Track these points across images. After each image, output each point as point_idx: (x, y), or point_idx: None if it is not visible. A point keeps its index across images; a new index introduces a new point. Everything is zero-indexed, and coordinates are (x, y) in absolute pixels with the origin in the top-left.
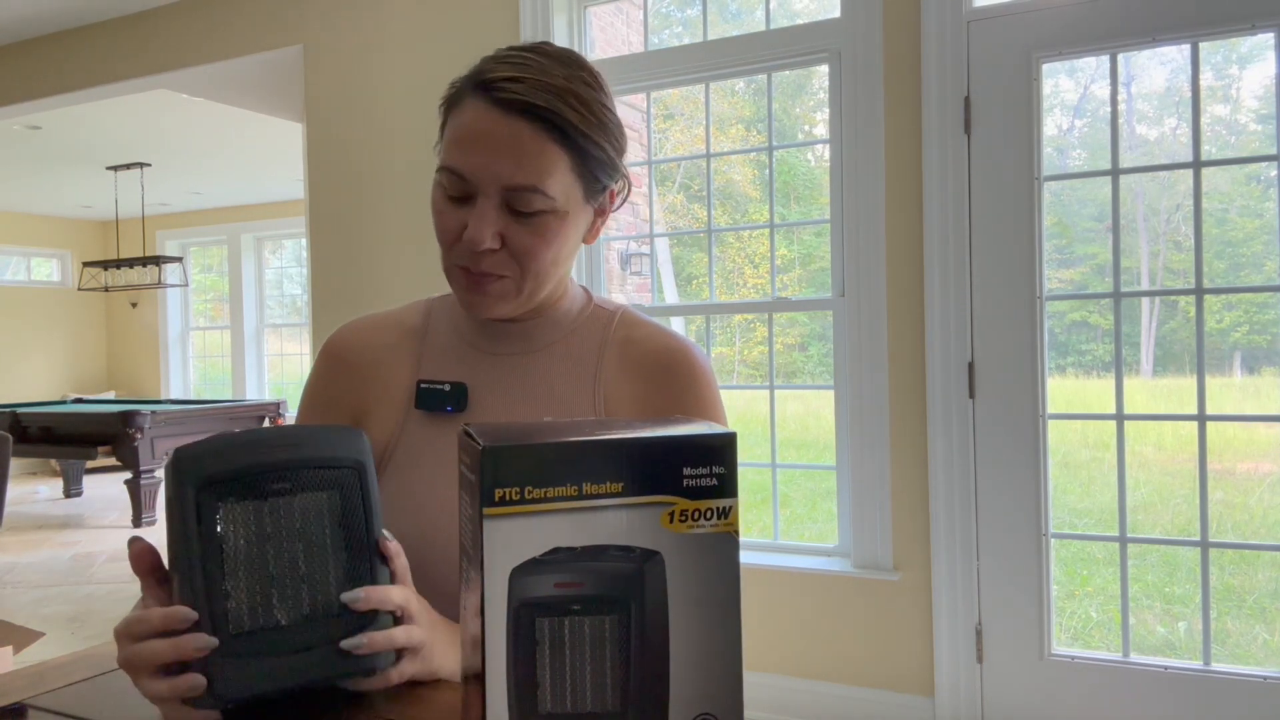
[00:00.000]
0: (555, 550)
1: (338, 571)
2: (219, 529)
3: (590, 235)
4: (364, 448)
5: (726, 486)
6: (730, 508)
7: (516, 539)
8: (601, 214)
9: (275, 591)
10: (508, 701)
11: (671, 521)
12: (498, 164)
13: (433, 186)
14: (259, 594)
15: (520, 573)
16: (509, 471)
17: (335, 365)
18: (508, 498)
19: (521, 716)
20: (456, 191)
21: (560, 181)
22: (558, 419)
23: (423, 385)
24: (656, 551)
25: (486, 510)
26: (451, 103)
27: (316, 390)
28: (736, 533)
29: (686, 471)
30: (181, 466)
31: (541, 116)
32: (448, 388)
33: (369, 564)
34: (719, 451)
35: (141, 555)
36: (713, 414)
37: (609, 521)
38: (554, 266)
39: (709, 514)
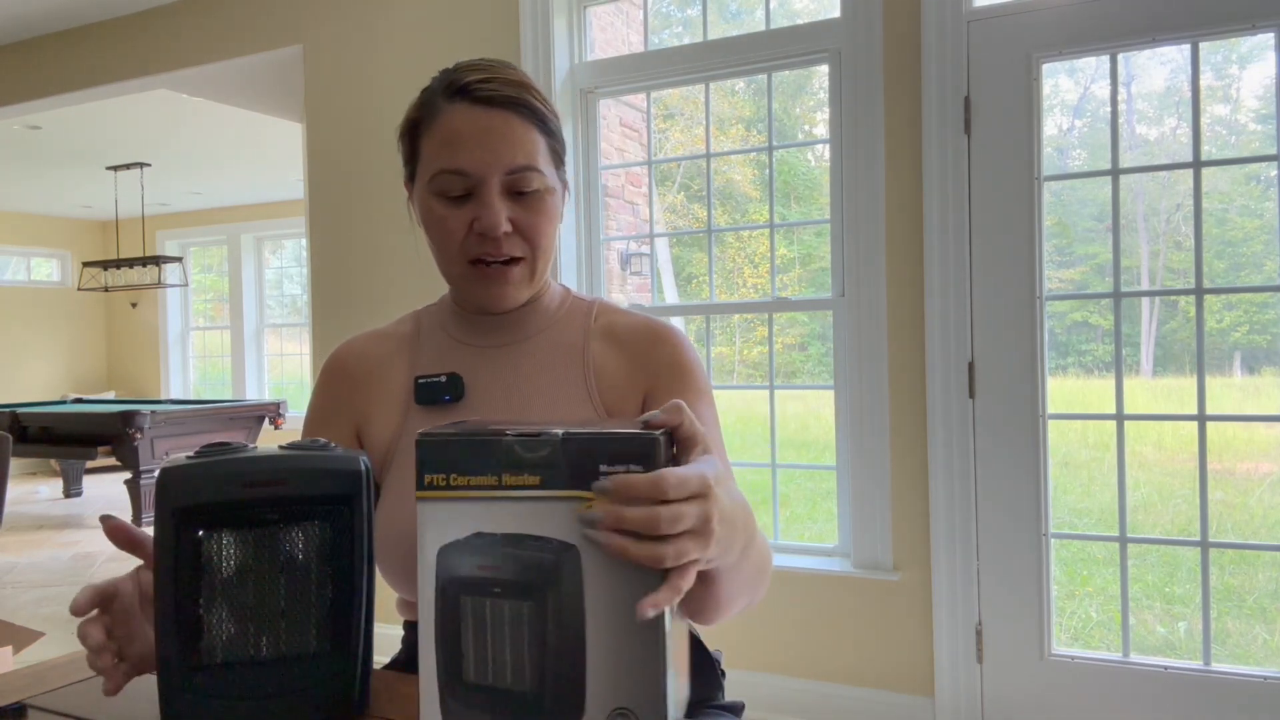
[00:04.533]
0: (478, 535)
1: (320, 608)
2: (199, 556)
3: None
4: (358, 478)
5: None
6: None
7: (443, 521)
8: (563, 200)
9: (252, 626)
10: (437, 667)
11: None
12: (497, 152)
13: (421, 201)
14: (235, 627)
15: (445, 553)
16: (436, 459)
17: (335, 378)
18: (434, 483)
19: (449, 681)
20: (458, 191)
21: (545, 161)
22: (541, 413)
23: (420, 380)
24: (573, 545)
25: (417, 493)
26: (421, 121)
27: (319, 405)
28: None
29: (603, 469)
30: (167, 488)
31: (518, 107)
32: (444, 379)
33: (352, 600)
34: (638, 451)
35: (114, 532)
36: (699, 381)
37: (529, 512)
38: (552, 243)
39: None
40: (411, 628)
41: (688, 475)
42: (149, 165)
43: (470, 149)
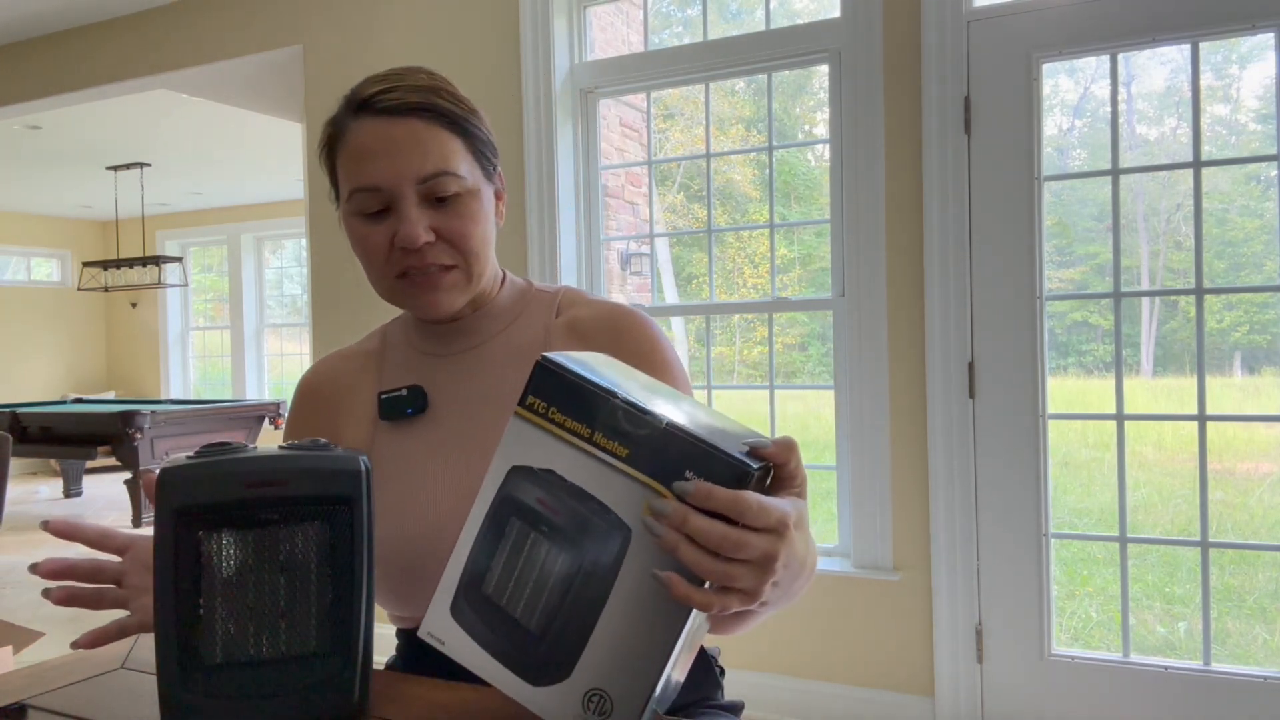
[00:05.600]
0: (551, 472)
1: (320, 608)
2: (199, 556)
3: (497, 216)
4: (359, 478)
5: None
6: None
7: (528, 444)
8: (499, 196)
9: (252, 625)
10: (465, 566)
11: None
12: (405, 162)
13: (345, 221)
14: (235, 627)
15: (517, 472)
16: (546, 386)
17: (308, 399)
18: (535, 407)
19: (469, 585)
20: (375, 207)
21: (463, 162)
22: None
23: (382, 396)
24: (629, 528)
25: (517, 409)
26: (334, 140)
27: (294, 426)
28: None
29: (689, 475)
30: (167, 488)
31: (424, 111)
32: (405, 392)
33: (352, 600)
34: (728, 476)
35: (59, 532)
36: (674, 370)
37: (604, 477)
38: (485, 245)
39: None
40: (405, 635)
41: (770, 508)
42: (149, 165)
43: (379, 163)
